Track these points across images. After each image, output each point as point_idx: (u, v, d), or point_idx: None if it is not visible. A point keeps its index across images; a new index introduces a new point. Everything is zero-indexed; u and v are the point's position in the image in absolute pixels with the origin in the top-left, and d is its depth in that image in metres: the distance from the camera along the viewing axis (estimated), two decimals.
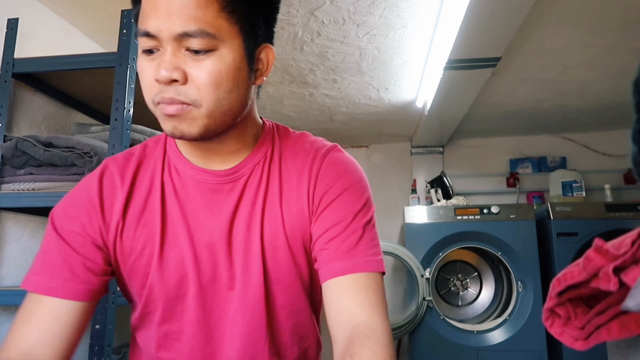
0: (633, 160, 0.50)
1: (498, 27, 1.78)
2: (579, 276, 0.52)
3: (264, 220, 0.72)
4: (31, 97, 1.57)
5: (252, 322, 0.72)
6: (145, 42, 0.63)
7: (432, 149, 3.60)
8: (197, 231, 0.71)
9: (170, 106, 0.62)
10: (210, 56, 0.61)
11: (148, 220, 0.71)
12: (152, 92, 0.63)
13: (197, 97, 0.62)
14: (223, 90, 0.63)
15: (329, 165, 0.74)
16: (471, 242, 2.78)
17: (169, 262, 0.71)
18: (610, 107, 2.92)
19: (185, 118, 0.63)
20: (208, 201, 0.72)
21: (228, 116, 0.66)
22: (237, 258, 0.71)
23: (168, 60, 0.61)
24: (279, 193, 0.73)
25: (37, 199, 1.33)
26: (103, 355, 1.18)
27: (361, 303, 0.65)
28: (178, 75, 0.61)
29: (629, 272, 0.46)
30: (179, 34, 0.60)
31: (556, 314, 0.58)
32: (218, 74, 0.62)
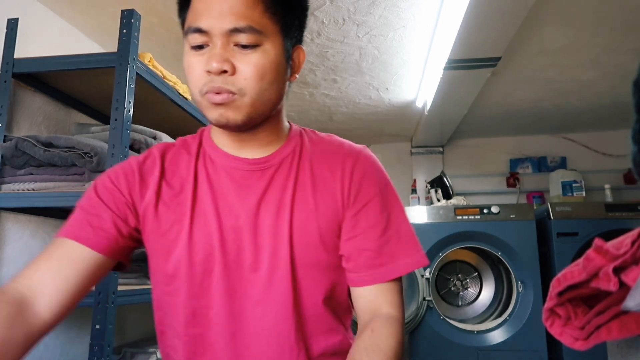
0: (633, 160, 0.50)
1: (498, 27, 1.78)
2: (579, 276, 0.52)
3: (293, 207, 0.76)
4: (31, 97, 1.57)
5: (278, 304, 0.74)
6: (196, 38, 0.69)
7: (432, 149, 3.60)
8: (225, 214, 0.76)
9: (217, 95, 0.68)
10: (256, 51, 0.69)
11: (180, 201, 0.77)
12: (200, 83, 0.70)
13: (243, 86, 0.69)
14: (266, 82, 0.70)
15: (362, 164, 0.79)
16: (471, 242, 2.78)
17: (196, 240, 0.75)
18: (610, 107, 2.92)
19: (230, 106, 0.69)
20: (238, 187, 0.77)
21: (267, 106, 0.73)
22: (264, 242, 0.75)
23: (219, 53, 0.68)
24: (311, 184, 0.77)
25: (37, 199, 1.33)
26: (103, 355, 1.18)
27: (383, 300, 0.75)
28: (228, 66, 0.68)
29: (629, 272, 0.46)
30: (230, 29, 0.67)
31: (556, 314, 0.58)
32: (262, 66, 0.69)
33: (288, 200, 0.76)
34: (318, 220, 0.76)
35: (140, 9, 1.47)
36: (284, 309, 0.74)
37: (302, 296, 0.76)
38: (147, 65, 1.44)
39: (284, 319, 0.74)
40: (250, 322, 0.75)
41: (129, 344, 1.97)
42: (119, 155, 1.27)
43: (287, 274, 0.74)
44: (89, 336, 1.21)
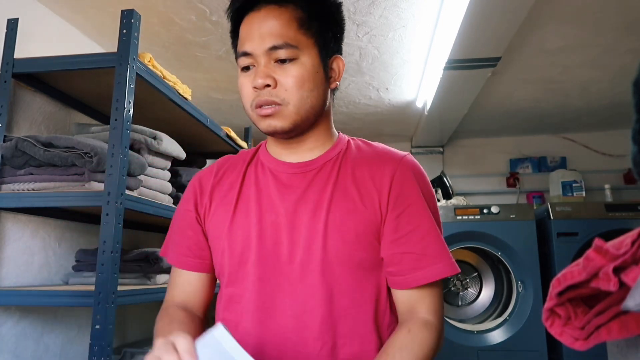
0: (633, 160, 0.50)
1: (498, 27, 1.78)
2: (579, 276, 0.52)
3: (330, 207, 0.80)
4: (31, 97, 1.57)
5: (306, 297, 0.79)
6: (244, 60, 0.81)
7: (432, 149, 3.60)
8: (266, 211, 0.83)
9: (264, 109, 0.78)
10: (294, 64, 0.79)
11: (228, 200, 0.87)
12: (250, 99, 0.80)
13: (285, 96, 0.78)
14: (305, 90, 0.79)
15: (404, 169, 0.83)
16: (471, 242, 2.78)
17: (236, 232, 0.83)
18: (610, 107, 2.92)
19: (277, 116, 0.79)
20: (281, 187, 0.84)
21: (311, 112, 0.81)
22: (300, 237, 0.80)
23: (262, 70, 0.78)
24: (350, 186, 0.82)
25: (37, 199, 1.33)
26: (103, 355, 1.18)
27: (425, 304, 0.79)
28: (270, 81, 0.78)
29: (629, 272, 0.46)
30: (269, 47, 0.78)
31: (556, 314, 0.58)
32: (300, 77, 0.79)
33: (326, 200, 0.81)
34: (355, 220, 0.80)
35: (140, 9, 1.47)
36: (312, 302, 0.78)
37: (333, 293, 0.79)
38: (147, 65, 1.44)
39: (310, 311, 0.78)
40: (279, 312, 0.79)
41: (129, 344, 1.97)
42: (119, 155, 1.27)
43: (317, 269, 0.78)
44: (89, 336, 1.21)
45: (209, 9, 1.75)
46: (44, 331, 1.58)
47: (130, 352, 1.60)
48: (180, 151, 1.71)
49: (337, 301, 0.79)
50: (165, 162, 1.66)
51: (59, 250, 1.67)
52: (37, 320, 1.55)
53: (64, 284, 1.61)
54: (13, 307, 1.47)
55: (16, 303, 1.40)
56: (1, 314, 1.43)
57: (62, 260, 1.68)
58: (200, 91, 2.49)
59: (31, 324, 1.53)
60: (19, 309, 1.49)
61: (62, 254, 1.68)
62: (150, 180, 1.56)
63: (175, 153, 1.68)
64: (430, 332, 0.76)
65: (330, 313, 0.79)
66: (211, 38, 1.96)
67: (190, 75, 2.28)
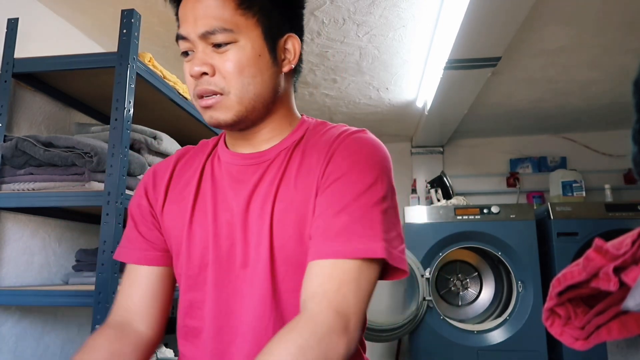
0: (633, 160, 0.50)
1: (498, 27, 1.78)
2: (579, 276, 0.52)
3: (275, 200, 0.73)
4: (31, 97, 1.57)
5: (256, 301, 0.72)
6: (182, 44, 0.74)
7: (432, 149, 3.60)
8: (221, 209, 0.77)
9: (205, 99, 0.72)
10: (231, 48, 0.71)
11: (185, 196, 0.80)
12: (191, 88, 0.74)
13: (224, 84, 0.71)
14: (246, 76, 0.71)
15: (347, 144, 0.73)
16: (471, 242, 2.78)
17: (195, 234, 0.77)
18: (611, 107, 2.92)
19: (219, 107, 0.72)
20: (234, 182, 0.77)
21: (257, 101, 0.73)
22: (252, 237, 0.74)
23: (198, 57, 0.71)
24: (295, 175, 0.74)
25: (37, 199, 1.33)
26: None
27: (313, 291, 0.64)
28: (207, 68, 0.71)
29: (629, 272, 0.46)
30: (202, 33, 0.70)
31: (556, 314, 0.58)
32: (239, 62, 0.71)
33: (272, 193, 0.73)
34: (296, 212, 0.71)
35: (140, 9, 1.46)
36: (261, 306, 0.71)
37: (281, 294, 0.71)
38: (147, 65, 1.44)
39: (261, 316, 0.71)
40: (236, 318, 0.73)
41: None
42: (119, 155, 1.27)
43: (265, 270, 0.71)
44: (88, 336, 1.21)
45: None
46: (44, 331, 1.58)
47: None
48: None
49: (285, 303, 0.71)
50: None
51: (59, 250, 1.67)
52: (37, 320, 1.55)
53: (64, 284, 1.61)
54: (13, 307, 1.47)
55: (16, 303, 1.40)
56: (1, 313, 1.43)
57: (62, 260, 1.68)
58: None
59: (31, 323, 1.53)
60: (19, 309, 1.49)
61: (62, 254, 1.68)
62: None
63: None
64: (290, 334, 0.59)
65: (281, 316, 0.71)
66: None
67: None
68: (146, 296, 0.80)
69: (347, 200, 0.68)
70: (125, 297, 0.80)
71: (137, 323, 0.79)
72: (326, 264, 0.65)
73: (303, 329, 0.60)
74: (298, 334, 0.59)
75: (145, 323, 0.79)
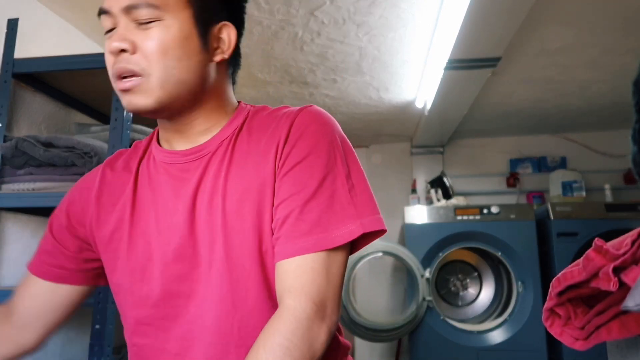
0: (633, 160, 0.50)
1: (498, 27, 1.78)
2: (579, 276, 0.52)
3: (226, 193, 0.67)
4: (31, 97, 1.57)
5: (219, 299, 0.66)
6: (104, 20, 0.67)
7: (432, 149, 3.60)
8: (163, 213, 0.70)
9: (124, 82, 0.65)
10: (156, 26, 0.65)
11: (120, 206, 0.74)
12: (110, 66, 0.67)
13: (145, 65, 0.64)
14: (170, 59, 0.65)
15: (299, 123, 0.68)
16: (471, 242, 2.78)
17: (136, 245, 0.71)
18: (610, 107, 2.92)
19: (138, 91, 0.65)
20: (175, 182, 0.71)
21: (182, 88, 0.67)
22: (202, 236, 0.68)
23: (119, 33, 0.65)
24: (244, 163, 0.68)
25: (37, 199, 1.33)
26: (103, 355, 1.18)
27: (289, 285, 0.62)
28: (127, 45, 0.64)
29: (629, 272, 0.46)
30: (126, 6, 0.64)
31: (556, 314, 0.58)
32: (163, 41, 0.65)
33: (220, 186, 0.67)
34: (253, 201, 0.66)
35: None
36: (223, 306, 0.66)
37: (240, 291, 0.66)
38: None
39: (225, 317, 0.66)
40: (193, 323, 0.68)
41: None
42: None
43: (223, 267, 0.66)
44: (89, 336, 1.21)
45: None
46: None
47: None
48: None
49: (247, 299, 0.66)
50: None
51: None
52: None
53: None
54: None
55: None
56: None
57: None
58: None
59: None
60: None
61: None
62: None
63: None
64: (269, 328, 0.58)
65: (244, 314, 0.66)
66: None
67: None
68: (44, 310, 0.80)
69: (311, 188, 0.64)
70: (24, 308, 0.79)
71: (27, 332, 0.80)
72: (298, 260, 0.62)
73: (285, 327, 0.58)
74: (281, 335, 0.57)
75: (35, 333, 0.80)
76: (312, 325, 0.59)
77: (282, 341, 0.57)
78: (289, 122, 0.69)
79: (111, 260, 0.74)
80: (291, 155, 0.66)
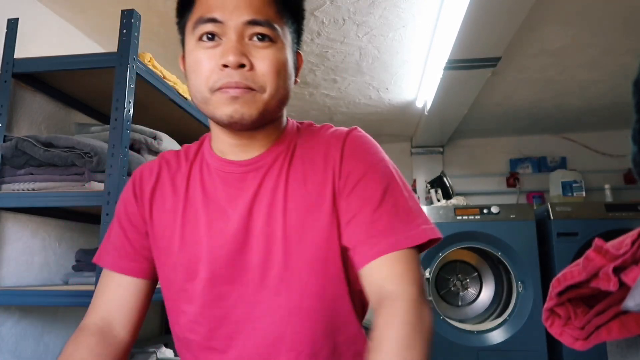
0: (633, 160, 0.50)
1: (498, 27, 1.78)
2: (579, 276, 0.52)
3: (286, 207, 0.72)
4: (31, 97, 1.57)
5: (273, 305, 0.71)
6: (207, 27, 0.67)
7: (432, 149, 3.60)
8: (215, 218, 0.74)
9: (234, 90, 0.66)
10: (272, 46, 0.69)
11: (173, 207, 0.78)
12: (211, 79, 0.67)
13: (262, 82, 0.68)
14: (282, 79, 0.70)
15: (350, 145, 0.75)
16: (471, 242, 2.78)
17: (187, 247, 0.75)
18: (610, 107, 2.92)
19: (248, 101, 0.67)
20: (230, 190, 0.75)
21: (279, 105, 0.72)
22: (256, 244, 0.72)
23: (236, 46, 0.66)
24: (302, 180, 0.74)
25: (37, 199, 1.33)
26: None
27: (387, 276, 0.66)
28: (246, 60, 0.67)
29: (629, 272, 0.46)
30: (248, 20, 0.67)
31: (556, 314, 0.58)
32: (278, 62, 0.69)
33: (279, 199, 0.72)
34: (313, 217, 0.72)
35: (140, 9, 1.46)
36: (277, 312, 0.71)
37: (294, 298, 0.71)
38: (147, 65, 1.44)
39: (278, 322, 0.71)
40: (241, 324, 0.72)
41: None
42: (118, 155, 1.27)
43: (279, 276, 0.71)
44: None
45: None
46: (44, 331, 1.58)
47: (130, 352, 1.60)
48: None
49: (303, 304, 0.71)
50: None
51: (59, 250, 1.67)
52: (37, 320, 1.55)
53: (64, 284, 1.61)
54: (13, 307, 1.47)
55: (16, 303, 1.40)
56: (1, 314, 1.43)
57: (62, 260, 1.68)
58: None
59: (31, 324, 1.53)
60: (19, 309, 1.48)
61: (62, 254, 1.68)
62: None
63: None
64: (394, 308, 0.63)
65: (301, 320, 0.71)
66: None
67: None
68: (127, 304, 0.79)
69: (376, 199, 0.70)
70: (106, 302, 0.79)
71: (117, 328, 0.78)
72: (384, 260, 0.67)
73: (402, 309, 0.62)
74: (401, 316, 0.61)
75: (126, 329, 0.78)
76: (421, 306, 0.64)
77: (405, 320, 0.61)
78: (340, 144, 0.75)
79: (162, 256, 0.78)
80: (351, 176, 0.72)
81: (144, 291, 0.80)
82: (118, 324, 0.78)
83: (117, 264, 0.80)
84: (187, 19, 0.72)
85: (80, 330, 0.76)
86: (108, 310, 0.78)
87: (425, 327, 0.62)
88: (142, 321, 0.81)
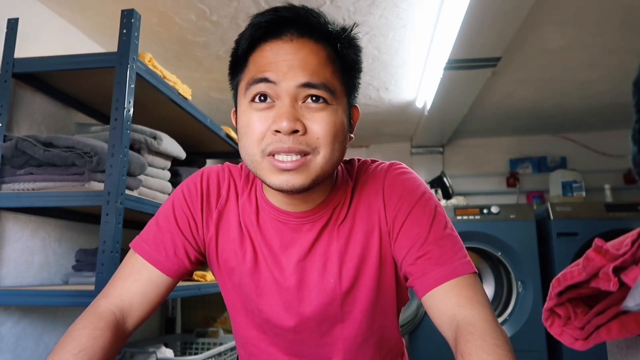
0: (633, 160, 0.50)
1: (498, 27, 1.78)
2: (579, 276, 0.52)
3: (343, 260, 0.75)
4: (31, 97, 1.57)
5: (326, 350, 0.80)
6: (260, 87, 0.66)
7: (432, 149, 3.60)
8: (273, 265, 0.77)
9: (286, 162, 0.65)
10: (327, 108, 0.67)
11: (235, 237, 0.79)
12: (263, 143, 0.66)
13: (316, 145, 0.66)
14: (337, 142, 0.68)
15: (390, 187, 0.76)
16: (471, 242, 2.78)
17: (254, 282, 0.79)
18: (611, 107, 2.92)
19: (302, 170, 0.66)
20: (284, 237, 0.77)
21: (333, 168, 0.70)
22: (310, 296, 0.76)
23: (289, 111, 0.64)
24: (354, 229, 0.76)
25: (37, 199, 1.33)
26: None
27: (457, 302, 0.67)
28: (300, 126, 0.65)
29: (629, 272, 0.46)
30: (303, 83, 0.65)
31: (556, 314, 0.58)
32: (334, 125, 0.67)
33: (334, 252, 0.75)
34: (365, 264, 0.76)
35: (140, 9, 1.47)
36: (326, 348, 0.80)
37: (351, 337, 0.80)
38: (147, 65, 1.44)
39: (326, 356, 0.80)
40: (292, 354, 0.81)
41: (129, 343, 1.97)
42: (118, 155, 1.27)
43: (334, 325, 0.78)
44: None
45: (209, 8, 1.75)
46: (44, 331, 1.58)
47: (130, 352, 1.59)
48: (180, 151, 1.71)
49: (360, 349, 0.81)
50: (165, 162, 1.66)
51: (59, 250, 1.67)
52: (37, 320, 1.55)
53: (64, 283, 1.61)
54: (13, 307, 1.47)
55: (16, 303, 1.40)
56: (1, 314, 1.43)
57: (62, 260, 1.68)
58: (200, 91, 2.49)
59: (31, 324, 1.53)
60: (19, 309, 1.48)
61: (62, 254, 1.68)
62: (150, 180, 1.56)
63: (175, 153, 1.68)
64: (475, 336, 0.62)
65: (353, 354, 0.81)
66: (211, 38, 1.96)
67: (190, 75, 2.28)
68: (149, 299, 0.77)
69: (423, 234, 0.72)
70: (127, 290, 0.76)
71: (129, 324, 0.76)
72: (446, 287, 0.68)
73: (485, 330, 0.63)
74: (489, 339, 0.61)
75: (135, 324, 0.77)
76: (497, 325, 0.65)
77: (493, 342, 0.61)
78: (381, 187, 0.77)
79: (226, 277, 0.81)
80: (397, 218, 0.74)
81: (168, 289, 0.80)
82: (132, 317, 0.76)
83: (156, 258, 0.78)
84: (240, 79, 0.71)
85: (98, 317, 0.73)
86: (129, 300, 0.76)
87: (511, 347, 0.62)
88: (150, 315, 0.81)
